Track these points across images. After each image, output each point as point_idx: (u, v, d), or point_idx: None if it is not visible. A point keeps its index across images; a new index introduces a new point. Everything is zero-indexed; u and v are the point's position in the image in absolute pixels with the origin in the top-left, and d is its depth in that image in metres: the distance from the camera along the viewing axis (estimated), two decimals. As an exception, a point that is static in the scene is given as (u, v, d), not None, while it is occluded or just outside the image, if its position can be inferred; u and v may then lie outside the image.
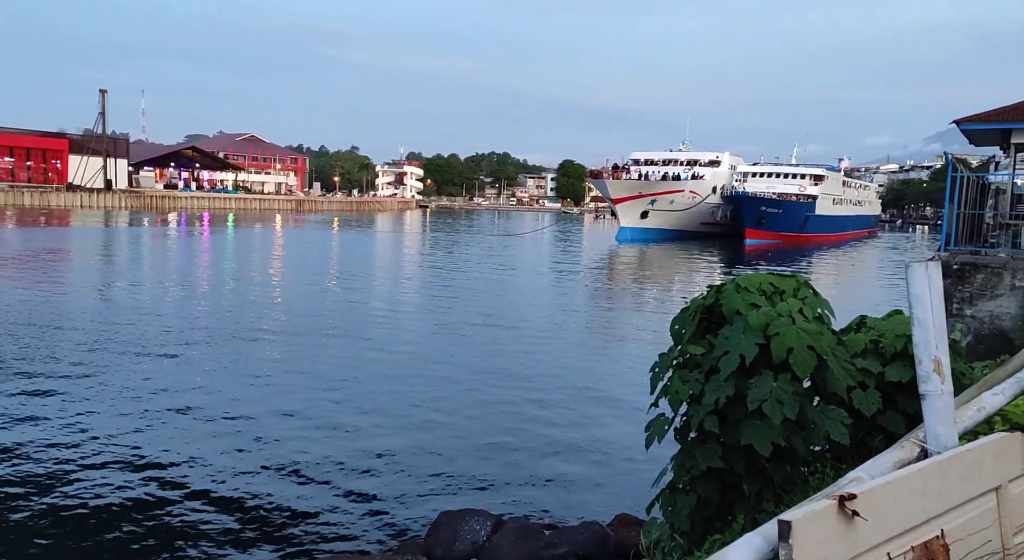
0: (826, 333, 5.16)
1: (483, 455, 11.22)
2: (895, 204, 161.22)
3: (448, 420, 12.84)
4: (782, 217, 69.20)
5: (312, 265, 38.93)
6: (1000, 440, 2.59)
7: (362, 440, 11.73)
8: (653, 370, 5.48)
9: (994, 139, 27.05)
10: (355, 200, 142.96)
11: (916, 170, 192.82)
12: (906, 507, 2.17)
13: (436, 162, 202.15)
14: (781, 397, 4.81)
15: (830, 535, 1.94)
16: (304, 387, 14.69)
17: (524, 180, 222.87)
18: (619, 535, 7.41)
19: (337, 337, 19.73)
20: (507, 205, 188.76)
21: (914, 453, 2.64)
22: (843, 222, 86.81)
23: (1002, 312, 14.75)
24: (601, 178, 72.57)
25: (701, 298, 5.65)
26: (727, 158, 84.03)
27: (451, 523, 7.20)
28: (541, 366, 17.07)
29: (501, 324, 22.56)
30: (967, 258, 15.33)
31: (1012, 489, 2.58)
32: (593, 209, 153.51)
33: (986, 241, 19.39)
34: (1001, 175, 25.54)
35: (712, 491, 5.21)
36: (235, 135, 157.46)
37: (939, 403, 2.61)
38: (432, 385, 15.11)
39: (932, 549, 2.22)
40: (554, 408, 13.75)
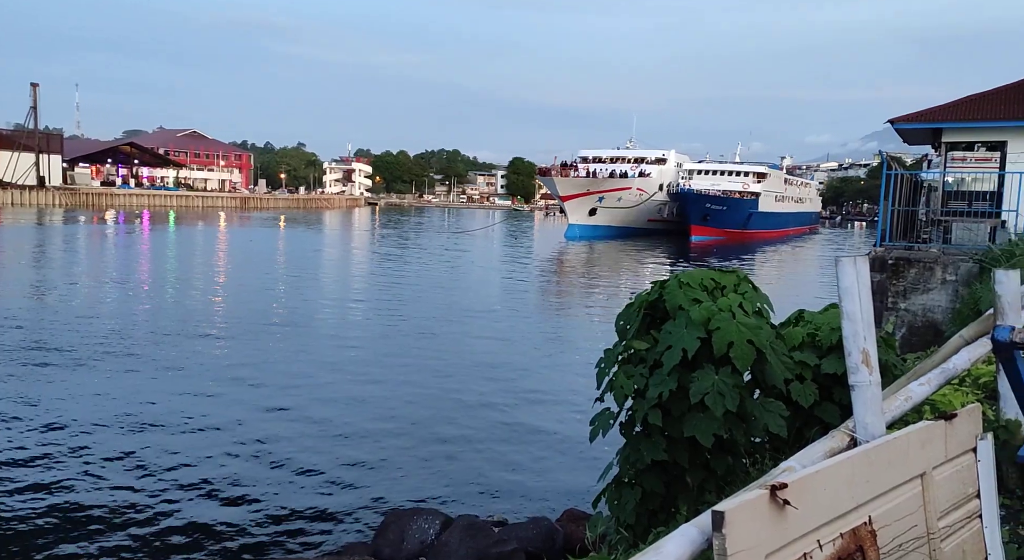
0: (765, 327, 5.28)
1: (433, 455, 11.17)
2: (835, 201, 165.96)
3: (396, 420, 12.74)
4: (726, 214, 70.60)
5: (258, 264, 38.17)
6: (925, 428, 2.68)
7: (308, 442, 11.56)
8: (599, 365, 5.53)
9: (926, 138, 28.09)
10: (302, 197, 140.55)
11: (854, 168, 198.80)
12: (835, 495, 2.23)
13: (385, 159, 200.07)
14: (722, 390, 4.90)
15: (762, 524, 1.98)
16: (248, 388, 14.40)
17: (474, 178, 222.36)
18: (568, 530, 7.46)
19: (283, 338, 19.39)
20: (458, 203, 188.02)
21: (844, 442, 2.71)
22: (785, 219, 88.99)
23: (934, 305, 15.34)
24: (550, 176, 72.90)
25: (645, 294, 5.72)
26: (673, 156, 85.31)
27: (399, 523, 7.15)
28: (490, 365, 17.08)
29: (450, 323, 22.49)
30: (901, 253, 15.89)
31: (936, 475, 2.67)
32: (543, 206, 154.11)
33: (919, 237, 20.13)
34: (933, 173, 26.52)
35: (656, 484, 5.29)
36: (176, 131, 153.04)
37: (867, 394, 2.69)
38: (380, 385, 14.97)
39: (860, 535, 2.29)
40: (503, 406, 13.77)
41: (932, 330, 14.56)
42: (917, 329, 15.20)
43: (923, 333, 14.67)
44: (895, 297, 15.64)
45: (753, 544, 1.95)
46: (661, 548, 1.94)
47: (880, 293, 15.87)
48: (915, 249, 16.73)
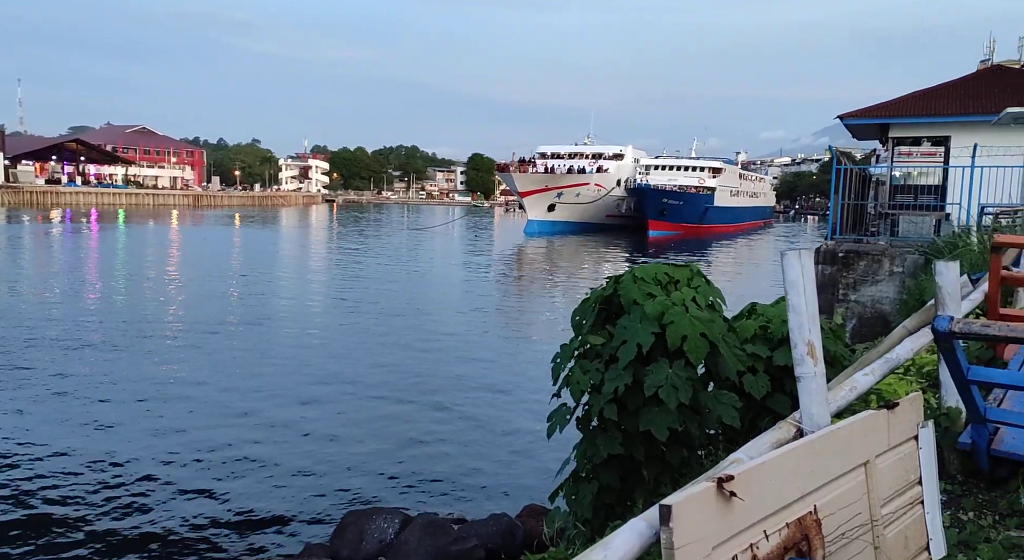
0: (718, 320, 5.35)
1: (393, 454, 11.10)
2: (788, 195, 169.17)
3: (354, 420, 12.62)
4: (683, 209, 71.43)
5: (212, 262, 37.41)
6: (868, 418, 2.74)
7: (265, 443, 11.39)
8: (555, 361, 5.54)
9: (874, 133, 28.82)
10: (257, 194, 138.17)
11: (807, 163, 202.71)
12: (781, 485, 2.26)
13: (342, 155, 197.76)
14: (676, 383, 4.95)
15: (709, 516, 1.99)
16: (203, 389, 14.12)
17: (433, 174, 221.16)
18: (528, 525, 7.48)
19: (238, 338, 19.06)
20: (417, 199, 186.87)
21: (791, 433, 2.76)
22: (740, 213, 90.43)
23: (882, 296, 15.74)
24: (508, 172, 72.92)
25: (600, 289, 5.74)
26: (630, 151, 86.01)
27: (358, 523, 7.08)
28: (448, 363, 17.02)
29: (408, 321, 22.36)
30: (851, 246, 16.27)
31: (879, 463, 2.73)
32: (503, 203, 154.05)
33: (868, 230, 20.65)
34: (881, 168, 27.21)
35: (613, 478, 5.32)
36: (125, 127, 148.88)
37: (812, 384, 2.74)
38: (339, 385, 14.81)
39: (805, 524, 2.33)
40: (462, 404, 13.74)
41: (881, 321, 14.94)
42: (867, 320, 15.58)
43: (872, 324, 15.04)
44: (846, 289, 16.00)
45: (700, 536, 1.96)
46: (609, 543, 1.94)
47: (831, 285, 16.23)
48: (864, 242, 17.16)
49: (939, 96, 26.05)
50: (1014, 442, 3.62)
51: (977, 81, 27.32)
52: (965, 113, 23.38)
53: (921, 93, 26.74)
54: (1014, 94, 22.71)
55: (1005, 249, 5.57)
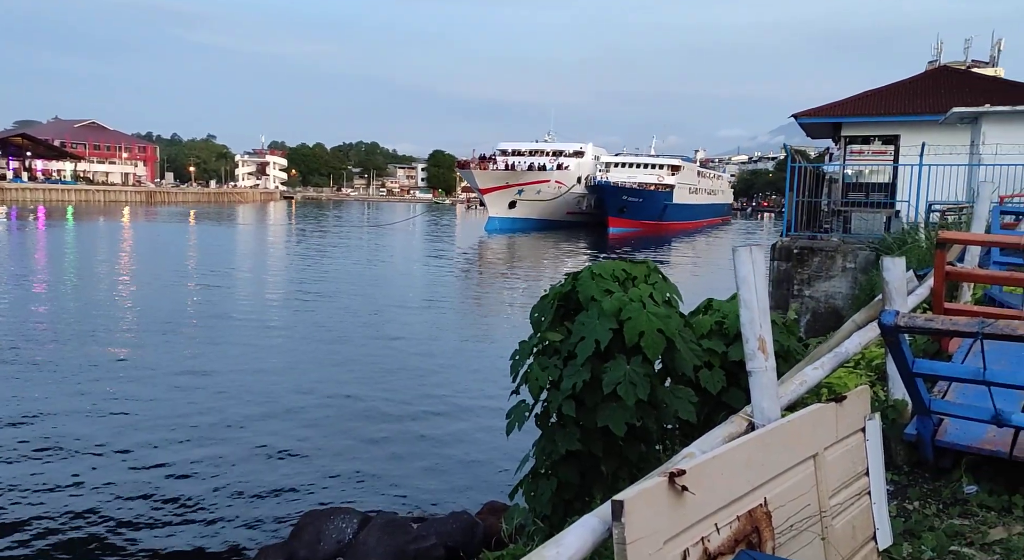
0: (674, 316, 5.41)
1: (351, 453, 11.00)
2: (746, 193, 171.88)
3: (312, 420, 12.46)
4: (643, 206, 72.08)
5: (166, 261, 36.58)
6: (817, 411, 2.78)
7: (220, 444, 11.19)
8: (513, 358, 5.54)
9: (827, 132, 29.45)
10: (213, 191, 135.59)
11: (763, 161, 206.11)
12: (732, 479, 2.29)
13: (301, 152, 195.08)
14: (634, 379, 4.99)
15: (661, 511, 2.01)
16: (157, 390, 13.82)
17: (394, 170, 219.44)
18: (488, 523, 7.47)
19: (192, 338, 18.69)
20: (377, 196, 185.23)
21: (742, 427, 2.80)
22: (699, 210, 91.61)
23: (835, 292, 16.09)
24: (469, 169, 72.77)
25: (559, 286, 5.76)
26: (591, 149, 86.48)
27: (315, 523, 7.00)
28: (408, 361, 16.92)
29: (367, 318, 22.18)
30: (805, 243, 16.60)
31: (828, 455, 2.78)
32: (465, 200, 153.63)
33: (822, 227, 21.10)
34: (834, 166, 27.82)
35: (572, 474, 5.34)
36: (73, 121, 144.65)
37: (763, 379, 2.78)
38: (295, 385, 14.61)
39: (756, 516, 2.36)
40: (423, 402, 13.67)
41: (834, 316, 15.26)
42: (820, 315, 15.91)
43: (826, 319, 15.36)
44: (800, 285, 16.33)
45: (652, 531, 1.98)
46: (562, 540, 1.94)
47: (786, 281, 16.54)
48: (818, 239, 17.51)
49: (889, 96, 26.74)
50: (957, 433, 3.73)
51: (925, 81, 28.11)
52: (913, 113, 24.04)
53: (872, 93, 27.41)
54: (960, 94, 23.43)
55: (950, 245, 5.73)
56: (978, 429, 3.69)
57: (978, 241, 6.17)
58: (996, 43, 46.30)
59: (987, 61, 45.34)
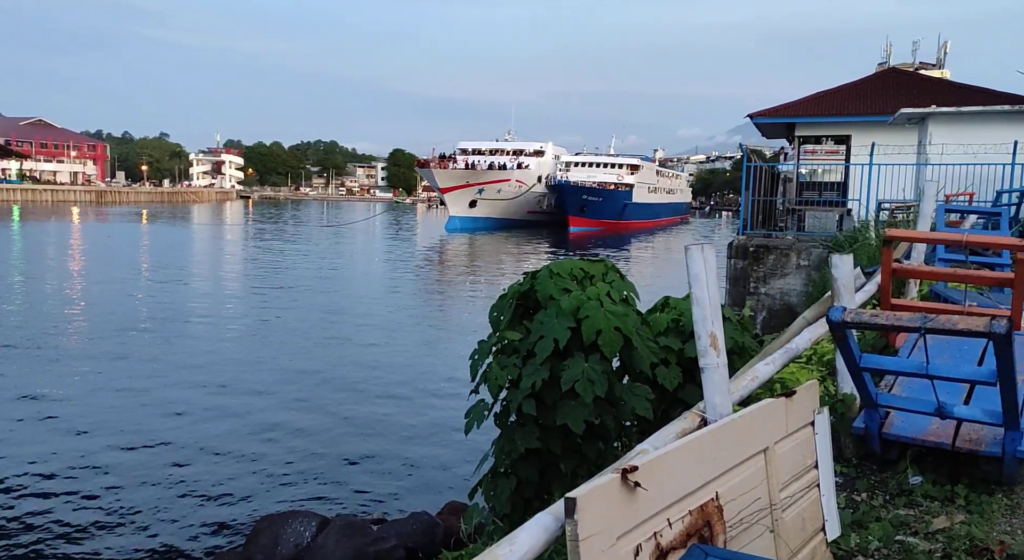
0: (631, 314, 5.46)
1: (309, 455, 10.86)
2: (704, 192, 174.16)
3: (270, 423, 12.28)
4: (602, 205, 72.62)
5: (117, 262, 35.68)
6: (767, 405, 2.84)
7: (175, 448, 10.95)
8: (473, 357, 5.54)
9: (782, 132, 30.04)
10: (166, 190, 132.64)
11: (721, 160, 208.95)
12: (684, 474, 2.32)
13: (258, 150, 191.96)
14: (592, 377, 5.02)
15: (613, 507, 2.02)
16: (108, 393, 13.47)
17: (354, 169, 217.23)
18: (448, 523, 7.46)
19: (147, 337, 18.27)
20: (337, 195, 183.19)
21: (695, 423, 2.84)
22: (658, 209, 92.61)
23: (790, 289, 16.41)
24: (429, 168, 72.46)
25: (517, 285, 5.77)
26: (551, 148, 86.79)
27: (273, 527, 6.90)
28: (367, 362, 16.78)
29: (324, 318, 21.93)
30: (761, 241, 16.90)
31: (778, 449, 2.83)
32: (426, 199, 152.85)
33: (777, 225, 21.50)
34: (788, 165, 28.37)
35: (531, 472, 5.36)
36: (19, 119, 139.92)
37: (715, 375, 2.82)
38: (251, 386, 14.39)
39: (708, 511, 2.39)
40: (382, 403, 13.57)
41: (789, 313, 15.55)
42: (776, 312, 16.22)
43: (781, 316, 15.65)
44: (756, 282, 16.62)
45: (605, 527, 1.99)
46: (515, 538, 1.95)
47: (743, 279, 16.83)
48: (773, 237, 17.85)
49: (840, 97, 27.37)
50: (903, 425, 3.84)
51: (875, 83, 28.84)
52: (864, 113, 24.65)
53: (824, 94, 28.02)
54: (908, 95, 24.09)
55: (896, 243, 5.89)
56: (922, 421, 3.80)
57: (922, 239, 6.36)
58: (942, 46, 47.77)
59: (934, 63, 46.74)
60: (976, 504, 3.42)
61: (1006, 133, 16.28)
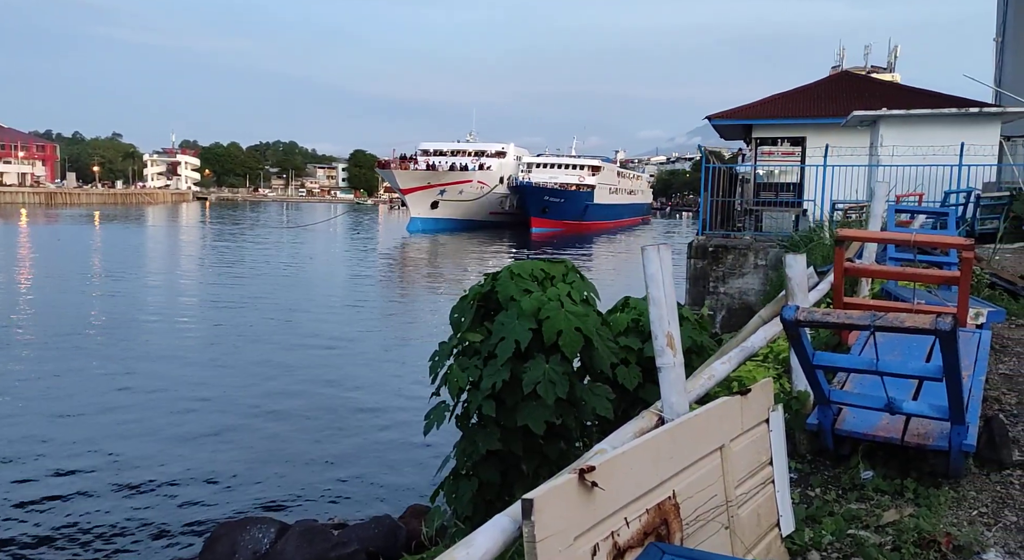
0: (592, 315, 5.49)
1: (268, 461, 10.70)
2: (664, 193, 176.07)
3: (228, 428, 12.07)
4: (564, 206, 72.94)
5: (67, 264, 34.71)
6: (723, 404, 2.87)
7: (130, 453, 10.70)
8: (433, 359, 5.51)
9: (740, 133, 30.51)
10: (120, 192, 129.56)
11: (681, 162, 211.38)
12: (641, 473, 2.34)
13: (215, 151, 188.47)
14: (553, 378, 5.04)
15: (571, 508, 2.03)
16: (61, 398, 13.11)
17: (314, 170, 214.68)
18: (411, 526, 7.41)
19: (95, 344, 17.81)
20: (296, 197, 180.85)
21: (652, 422, 2.86)
22: (619, 210, 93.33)
23: (748, 288, 16.68)
24: (389, 169, 71.99)
25: (478, 286, 5.77)
26: (512, 149, 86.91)
27: (230, 534, 6.78)
28: (327, 364, 16.60)
29: (283, 321, 21.63)
30: (720, 241, 17.15)
31: (734, 447, 2.87)
32: (388, 200, 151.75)
33: (736, 226, 21.84)
34: (746, 166, 28.84)
35: (493, 474, 5.36)
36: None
37: (672, 374, 2.85)
38: (208, 390, 14.12)
39: (664, 509, 2.41)
40: (342, 406, 13.44)
41: (748, 312, 15.79)
42: (735, 311, 16.46)
43: (740, 314, 15.89)
44: (715, 282, 16.85)
45: (562, 528, 2.00)
46: (472, 541, 1.94)
47: (703, 278, 17.05)
48: (732, 237, 18.13)
49: (795, 99, 27.91)
50: (855, 421, 3.93)
51: (828, 86, 29.47)
52: (818, 116, 25.16)
53: (780, 96, 28.55)
54: (860, 98, 24.66)
55: (848, 243, 6.02)
56: (873, 417, 3.89)
57: (872, 238, 6.51)
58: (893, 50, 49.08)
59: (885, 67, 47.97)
60: (924, 497, 3.51)
61: (953, 135, 16.78)
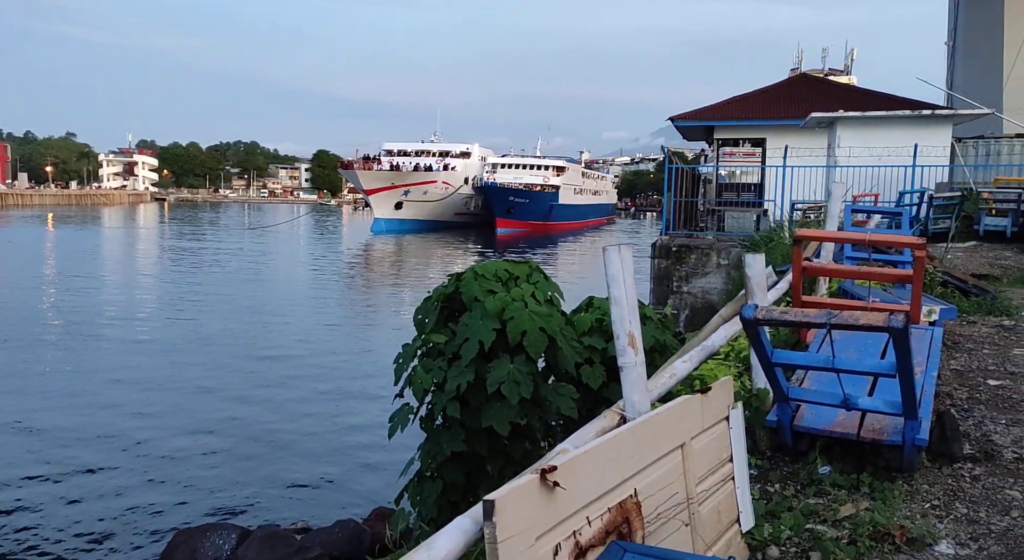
0: (556, 315, 5.51)
1: (230, 466, 10.53)
2: (629, 193, 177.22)
3: (188, 433, 11.84)
4: (529, 206, 73.09)
5: (20, 267, 33.76)
6: (684, 402, 2.90)
7: (86, 460, 10.44)
8: (397, 361, 5.48)
9: (702, 134, 30.90)
10: (74, 193, 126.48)
11: (645, 162, 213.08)
12: (603, 472, 2.35)
13: (173, 151, 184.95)
14: (518, 378, 5.04)
15: (532, 508, 2.03)
16: (14, 403, 12.74)
17: (276, 171, 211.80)
18: (375, 529, 7.35)
19: (55, 350, 17.35)
20: (258, 197, 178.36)
21: (614, 421, 2.88)
22: (584, 210, 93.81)
23: (711, 287, 16.89)
24: (352, 169, 71.41)
25: (442, 287, 5.75)
26: (477, 150, 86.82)
27: (189, 541, 6.66)
28: (289, 366, 16.40)
29: (244, 323, 21.33)
30: (683, 241, 17.34)
31: (694, 445, 2.91)
32: (352, 201, 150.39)
33: (699, 225, 22.11)
34: (708, 167, 29.22)
35: (457, 475, 5.34)
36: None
37: (633, 373, 2.87)
38: (166, 394, 13.86)
39: (626, 507, 2.43)
40: (305, 409, 13.28)
41: (711, 311, 15.95)
42: (698, 310, 16.65)
43: (704, 314, 16.07)
44: (679, 281, 17.03)
45: (524, 528, 2.00)
46: (433, 543, 1.93)
47: (666, 278, 17.22)
48: (695, 237, 18.35)
49: (755, 101, 28.35)
50: (813, 418, 4.00)
51: (787, 88, 30.00)
52: (777, 117, 25.58)
53: (740, 98, 28.97)
54: (818, 100, 25.11)
55: (806, 242, 6.13)
56: (830, 413, 3.97)
57: (829, 238, 6.65)
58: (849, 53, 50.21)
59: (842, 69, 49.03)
60: (879, 491, 3.59)
61: (907, 137, 17.20)
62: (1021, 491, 3.62)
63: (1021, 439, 4.20)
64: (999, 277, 10.16)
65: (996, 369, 5.55)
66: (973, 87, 28.51)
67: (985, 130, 23.10)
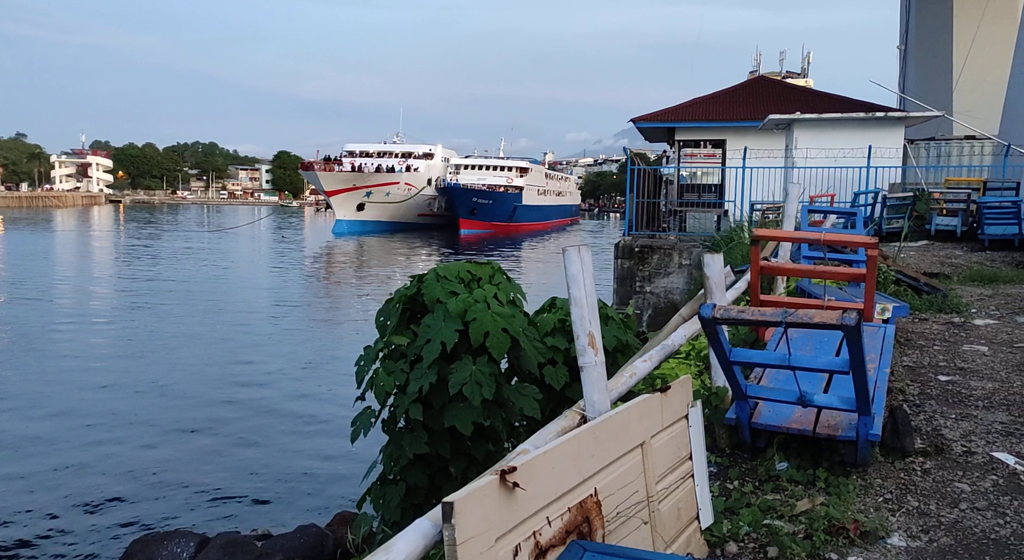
0: (519, 316, 5.52)
1: (188, 472, 10.32)
2: (592, 194, 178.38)
3: (144, 438, 11.58)
4: (493, 207, 73.11)
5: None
6: (643, 401, 2.93)
7: (36, 466, 10.14)
8: (359, 364, 5.44)
9: (663, 136, 31.24)
10: (24, 195, 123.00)
11: (608, 163, 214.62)
12: (563, 472, 2.36)
13: (128, 152, 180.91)
14: (480, 379, 5.04)
15: (492, 509, 2.03)
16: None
17: (236, 172, 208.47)
18: (338, 533, 7.27)
19: (4, 356, 16.84)
20: (218, 199, 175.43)
21: (575, 421, 2.89)
22: (548, 211, 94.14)
23: (673, 287, 17.08)
24: (313, 170, 70.67)
25: (404, 288, 5.72)
26: (440, 150, 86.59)
27: (146, 550, 6.51)
28: (249, 370, 16.14)
29: (202, 326, 20.94)
30: (646, 241, 17.50)
31: (655, 443, 2.93)
32: (314, 202, 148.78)
33: (661, 226, 22.34)
34: (670, 168, 29.55)
35: (421, 478, 5.32)
36: None
37: (594, 373, 2.89)
38: (121, 398, 13.53)
39: (586, 507, 2.44)
40: (265, 413, 13.08)
41: (673, 310, 16.10)
42: (661, 310, 16.83)
43: (666, 313, 16.24)
44: (642, 281, 17.19)
45: (483, 530, 2.00)
46: (392, 546, 1.92)
47: (629, 278, 17.37)
48: (657, 237, 18.54)
49: (715, 103, 28.76)
50: (770, 415, 4.07)
51: (746, 90, 30.48)
52: (737, 119, 26.00)
53: (700, 100, 29.37)
54: (776, 102, 25.59)
55: (764, 242, 6.23)
56: (787, 410, 4.04)
57: (785, 238, 6.77)
58: (806, 56, 51.25)
59: (799, 72, 50.02)
60: (835, 486, 3.66)
61: (861, 138, 17.61)
62: (969, 484, 3.72)
63: (970, 433, 4.33)
64: (950, 275, 10.45)
65: (947, 365, 5.70)
66: (924, 89, 29.31)
67: (936, 132, 23.79)
